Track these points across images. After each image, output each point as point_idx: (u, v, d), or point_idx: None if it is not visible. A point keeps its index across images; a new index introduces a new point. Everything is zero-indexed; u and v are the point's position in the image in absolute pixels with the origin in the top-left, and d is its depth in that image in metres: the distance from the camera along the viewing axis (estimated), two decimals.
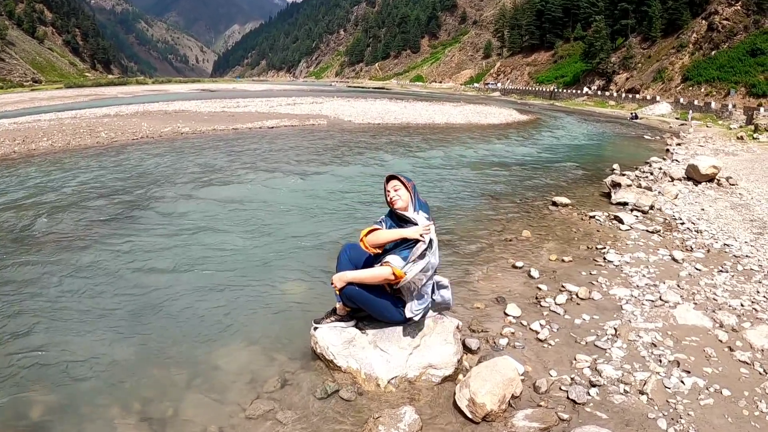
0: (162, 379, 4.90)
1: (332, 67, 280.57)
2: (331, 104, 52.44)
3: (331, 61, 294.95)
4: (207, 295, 6.72)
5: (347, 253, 5.04)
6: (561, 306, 6.37)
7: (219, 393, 4.66)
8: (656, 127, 45.48)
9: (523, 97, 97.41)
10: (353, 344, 4.86)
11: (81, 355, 5.26)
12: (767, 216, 11.50)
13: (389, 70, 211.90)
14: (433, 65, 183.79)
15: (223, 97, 63.93)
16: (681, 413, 4.31)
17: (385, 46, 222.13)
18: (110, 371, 5.00)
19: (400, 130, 31.34)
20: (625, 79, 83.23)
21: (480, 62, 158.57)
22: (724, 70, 65.01)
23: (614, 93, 78.17)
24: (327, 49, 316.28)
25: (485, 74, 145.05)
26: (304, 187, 13.78)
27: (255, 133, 26.75)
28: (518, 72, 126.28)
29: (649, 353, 5.27)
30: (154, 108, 41.55)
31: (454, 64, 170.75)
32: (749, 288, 7.17)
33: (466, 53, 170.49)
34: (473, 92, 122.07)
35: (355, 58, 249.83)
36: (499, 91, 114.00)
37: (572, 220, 10.88)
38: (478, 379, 4.21)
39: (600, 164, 20.15)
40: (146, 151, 19.77)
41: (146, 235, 9.37)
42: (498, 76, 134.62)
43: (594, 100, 79.11)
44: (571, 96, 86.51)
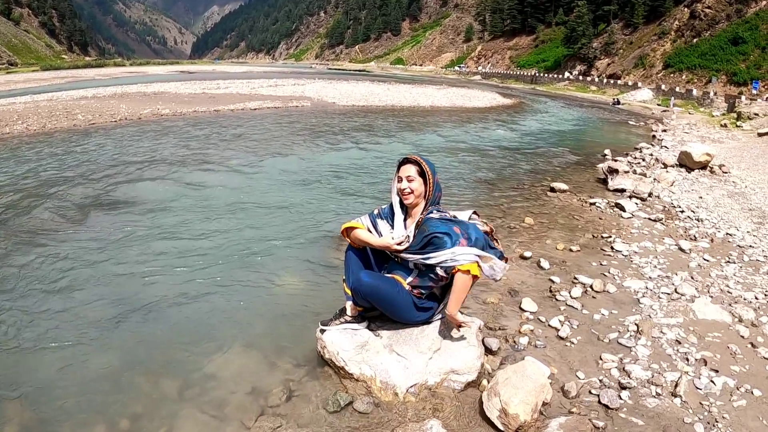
0: (152, 391, 4.33)
1: (312, 50, 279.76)
2: (314, 86, 51.94)
3: (311, 43, 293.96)
4: (196, 294, 6.10)
5: (355, 252, 4.53)
6: (577, 300, 6.03)
7: (217, 408, 4.12)
8: (639, 113, 45.51)
9: (504, 81, 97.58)
10: (366, 349, 4.37)
11: (58, 366, 4.64)
12: (765, 205, 11.35)
13: (369, 52, 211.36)
14: (413, 48, 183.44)
15: (203, 79, 63.02)
16: (716, 416, 4.04)
17: (366, 28, 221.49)
18: (93, 384, 4.42)
19: (385, 113, 30.94)
20: (607, 64, 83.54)
21: (461, 45, 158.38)
22: (705, 58, 65.48)
23: (596, 78, 78.48)
24: (307, 31, 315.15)
25: (466, 57, 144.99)
26: (294, 173, 13.20)
27: (237, 115, 26.18)
28: (499, 56, 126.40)
29: (674, 351, 4.97)
30: (133, 90, 40.67)
31: (434, 48, 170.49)
32: (759, 280, 6.96)
33: (447, 36, 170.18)
34: (454, 75, 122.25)
35: (335, 40, 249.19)
36: (479, 75, 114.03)
37: (573, 207, 10.59)
38: (509, 387, 3.82)
39: (590, 149, 19.90)
40: (125, 134, 19.08)
41: (126, 227, 8.64)
42: (479, 59, 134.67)
43: (575, 85, 79.39)
44: (552, 80, 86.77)
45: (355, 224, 4.45)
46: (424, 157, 4.26)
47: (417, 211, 4.30)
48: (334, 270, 6.74)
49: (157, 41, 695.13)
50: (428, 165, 4.21)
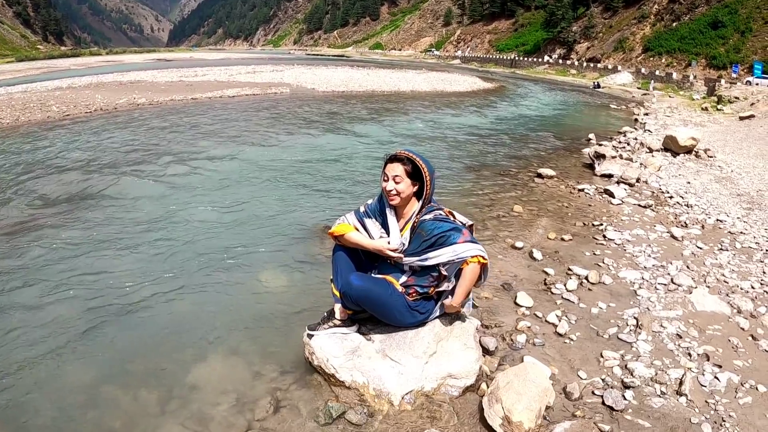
0: (131, 405, 4.03)
1: (290, 35, 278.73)
2: (292, 72, 51.59)
3: (289, 29, 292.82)
4: (174, 298, 5.74)
5: (343, 252, 4.23)
6: (573, 293, 5.84)
7: (200, 422, 3.83)
8: (619, 96, 45.69)
9: (483, 65, 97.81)
10: (358, 354, 4.10)
11: (30, 381, 4.31)
12: (753, 190, 11.29)
13: (348, 37, 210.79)
14: (392, 33, 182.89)
15: (180, 67, 62.42)
16: (723, 415, 3.89)
17: (344, 13, 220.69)
18: (69, 398, 4.11)
19: (366, 98, 30.72)
20: (586, 48, 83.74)
21: (440, 30, 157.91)
22: (685, 42, 65.91)
23: (575, 62, 78.77)
24: (285, 16, 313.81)
25: (445, 42, 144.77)
26: (274, 163, 12.84)
27: (215, 103, 25.80)
28: (478, 40, 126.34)
29: (676, 346, 4.81)
30: (109, 79, 40.10)
31: (413, 32, 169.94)
32: (754, 268, 6.86)
33: (425, 21, 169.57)
34: (433, 60, 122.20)
35: (313, 25, 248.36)
36: (459, 59, 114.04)
37: (561, 194, 10.43)
38: (511, 393, 3.60)
39: (574, 134, 19.80)
40: (101, 125, 18.58)
41: (98, 226, 8.19)
42: (458, 43, 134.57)
43: (555, 68, 79.56)
44: (532, 64, 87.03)
45: (344, 228, 4.18)
46: (418, 153, 3.98)
47: (408, 211, 4.06)
48: (320, 267, 6.46)
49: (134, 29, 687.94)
50: (423, 162, 3.93)
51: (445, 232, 3.85)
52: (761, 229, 8.60)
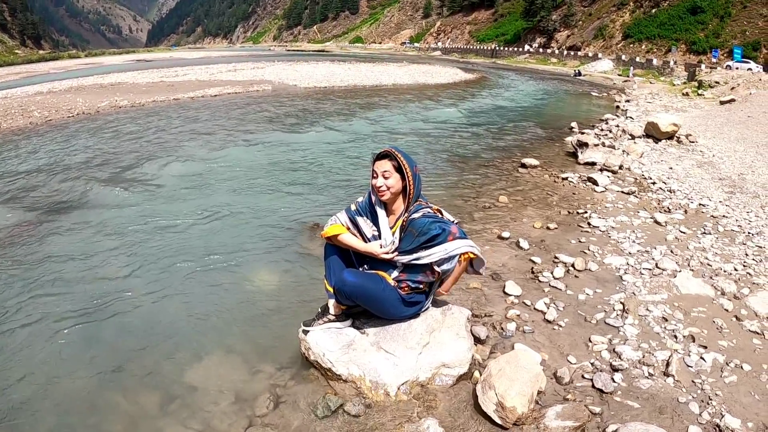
0: (131, 409, 4.07)
1: (270, 32, 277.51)
2: (274, 69, 51.40)
3: (268, 25, 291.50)
4: (168, 301, 5.76)
5: (335, 248, 4.30)
6: (560, 280, 5.95)
7: (202, 422, 3.88)
8: (601, 83, 45.94)
9: (464, 56, 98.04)
10: (353, 348, 4.18)
11: (27, 387, 4.33)
12: (735, 174, 11.42)
13: (328, 32, 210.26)
14: (372, 26, 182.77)
15: (160, 67, 61.91)
16: (710, 394, 4.00)
17: (323, 8, 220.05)
18: (66, 404, 4.13)
19: (348, 93, 30.70)
20: (567, 36, 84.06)
21: (420, 22, 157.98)
22: (664, 28, 66.33)
23: (556, 50, 79.13)
24: (264, 13, 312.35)
25: (425, 34, 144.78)
26: (260, 162, 12.85)
27: (198, 103, 25.68)
28: (458, 31, 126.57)
29: (662, 329, 4.92)
30: (89, 82, 39.69)
31: (393, 25, 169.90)
32: (737, 251, 6.98)
33: (405, 13, 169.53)
34: (414, 52, 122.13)
35: (293, 21, 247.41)
36: (440, 51, 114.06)
37: (545, 183, 10.53)
38: (504, 379, 3.70)
39: (557, 122, 19.94)
40: (83, 129, 18.44)
41: (89, 230, 8.18)
42: (438, 35, 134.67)
43: (536, 57, 79.87)
44: (512, 54, 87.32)
45: (337, 229, 4.22)
46: (401, 150, 4.03)
47: (398, 208, 4.12)
48: (311, 263, 6.52)
49: (112, 30, 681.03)
50: (405, 158, 3.98)
51: (436, 233, 3.91)
52: (743, 212, 8.73)
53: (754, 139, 16.03)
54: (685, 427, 3.67)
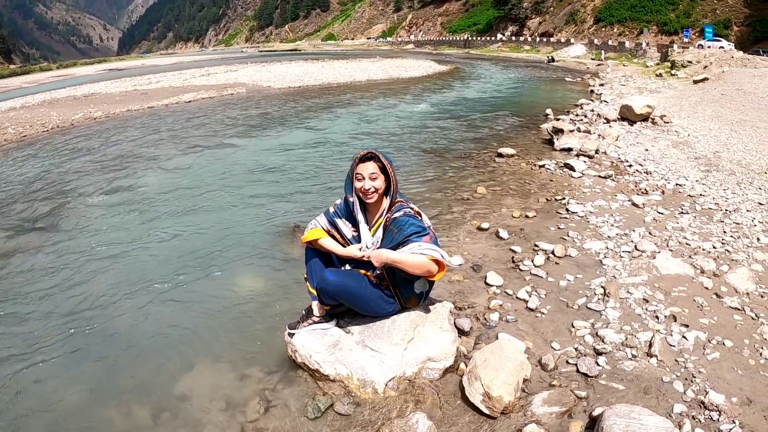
0: (125, 422, 4.08)
1: (242, 33, 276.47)
2: (247, 71, 51.07)
3: (240, 27, 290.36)
4: (153, 312, 5.75)
5: (315, 249, 4.35)
6: (541, 268, 6.00)
7: (195, 430, 3.91)
8: (574, 68, 46.18)
9: (437, 48, 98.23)
10: (339, 347, 4.22)
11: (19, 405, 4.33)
12: (710, 153, 11.55)
13: (300, 31, 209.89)
14: (344, 22, 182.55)
15: (133, 75, 61.25)
16: (693, 372, 4.07)
17: (294, 6, 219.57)
18: (60, 422, 4.12)
19: (322, 92, 30.67)
20: (538, 23, 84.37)
21: (391, 16, 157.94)
22: (635, 10, 66.73)
23: (528, 38, 79.44)
24: (235, 14, 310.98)
25: (397, 27, 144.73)
26: (236, 166, 12.78)
27: (172, 110, 25.46)
28: (430, 23, 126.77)
29: (644, 310, 4.99)
30: (62, 94, 39.14)
31: (365, 20, 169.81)
32: (714, 228, 7.10)
33: (376, 8, 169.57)
34: (387, 46, 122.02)
35: (264, 21, 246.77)
36: (412, 44, 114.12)
37: (523, 171, 10.59)
38: (489, 369, 3.74)
39: (531, 110, 20.05)
40: (59, 143, 18.18)
41: (68, 245, 8.10)
42: (410, 28, 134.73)
43: (509, 45, 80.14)
44: (485, 43, 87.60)
45: (316, 234, 4.28)
46: (381, 150, 4.08)
47: (379, 207, 4.15)
48: (293, 266, 6.52)
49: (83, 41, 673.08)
50: (386, 158, 4.04)
51: (414, 231, 3.93)
52: (720, 189, 8.85)
53: (729, 117, 16.19)
54: (670, 406, 3.72)
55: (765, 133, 13.52)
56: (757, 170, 10.06)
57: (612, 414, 3.27)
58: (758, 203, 8.10)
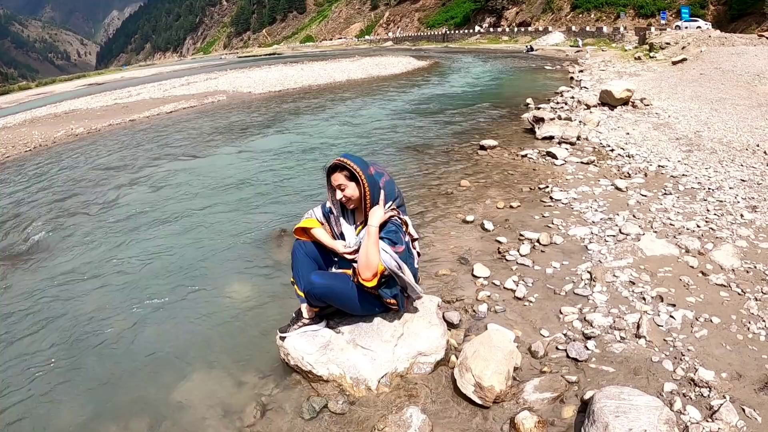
0: None
1: (219, 40, 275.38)
2: (227, 78, 50.76)
3: (217, 34, 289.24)
4: (145, 322, 5.76)
5: (303, 247, 4.33)
6: (527, 257, 6.04)
7: None
8: (553, 56, 46.33)
9: (416, 44, 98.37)
10: (330, 348, 4.25)
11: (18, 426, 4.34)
12: (691, 133, 11.66)
13: (278, 34, 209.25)
14: (321, 23, 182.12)
15: (113, 89, 60.58)
16: (682, 350, 4.13)
17: (271, 10, 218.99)
18: None
19: (302, 94, 30.56)
20: (515, 13, 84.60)
21: (368, 14, 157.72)
22: None
23: (506, 28, 79.69)
24: (211, 22, 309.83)
25: (375, 25, 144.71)
26: (221, 174, 12.72)
27: (154, 122, 25.26)
28: (408, 19, 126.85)
29: (630, 292, 5.06)
30: (43, 112, 38.70)
31: (342, 20, 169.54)
32: (698, 207, 7.18)
33: (353, 7, 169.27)
34: (366, 45, 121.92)
35: (241, 27, 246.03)
36: (391, 41, 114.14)
37: (505, 162, 10.62)
38: (479, 360, 3.79)
39: (512, 100, 20.04)
40: (42, 161, 18.02)
41: (56, 262, 8.10)
42: (388, 25, 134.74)
43: (487, 37, 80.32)
44: (463, 36, 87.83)
45: (311, 223, 4.33)
46: (351, 156, 4.05)
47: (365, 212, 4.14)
48: (281, 270, 6.51)
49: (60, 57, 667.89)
50: (357, 164, 3.99)
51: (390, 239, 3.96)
52: (702, 169, 8.94)
53: (708, 96, 16.33)
54: (661, 385, 3.78)
55: (745, 110, 13.66)
56: (738, 147, 10.16)
57: (602, 396, 3.32)
58: (740, 180, 8.19)
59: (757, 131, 11.36)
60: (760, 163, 9.05)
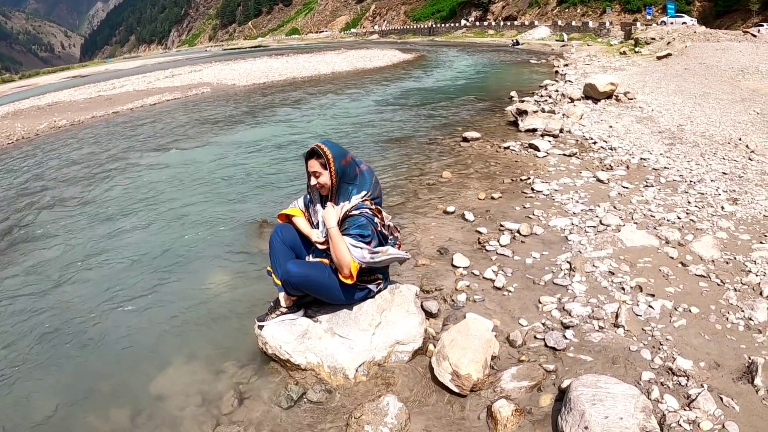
0: (103, 425, 4.06)
1: (205, 33, 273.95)
2: (211, 70, 50.46)
3: (202, 26, 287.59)
4: (125, 313, 5.73)
5: (279, 236, 4.35)
6: (507, 247, 6.05)
7: (172, 427, 3.91)
8: (539, 50, 46.50)
9: (402, 37, 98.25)
10: (308, 336, 4.23)
11: None
12: (674, 126, 11.72)
13: (264, 26, 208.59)
14: (307, 16, 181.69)
15: (96, 81, 59.97)
16: (660, 340, 4.15)
17: (257, 2, 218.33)
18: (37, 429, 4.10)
19: (287, 86, 30.50)
20: (502, 7, 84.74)
21: (354, 7, 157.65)
22: None
23: (492, 22, 79.83)
24: (197, 14, 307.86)
25: (361, 18, 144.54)
26: (201, 165, 12.68)
27: (137, 114, 25.09)
28: (394, 12, 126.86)
29: (609, 282, 5.08)
30: (26, 105, 38.21)
31: (328, 12, 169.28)
32: (679, 199, 7.23)
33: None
34: (351, 38, 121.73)
35: (227, 19, 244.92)
36: (377, 34, 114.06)
37: (488, 154, 10.64)
38: (456, 349, 3.79)
39: (497, 93, 20.12)
40: (24, 154, 17.84)
41: (37, 251, 8.04)
42: (374, 18, 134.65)
43: (473, 31, 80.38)
44: (449, 30, 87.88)
45: (294, 211, 4.42)
46: (329, 143, 4.08)
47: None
48: (260, 260, 6.47)
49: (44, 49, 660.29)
50: (332, 152, 4.02)
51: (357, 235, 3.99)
52: (684, 161, 8.99)
53: (692, 90, 16.42)
54: (639, 374, 3.79)
55: (728, 105, 13.76)
56: (720, 141, 10.21)
57: (579, 384, 3.33)
58: (722, 173, 8.24)
59: (739, 125, 11.44)
60: (741, 157, 9.11)
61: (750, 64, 20.57)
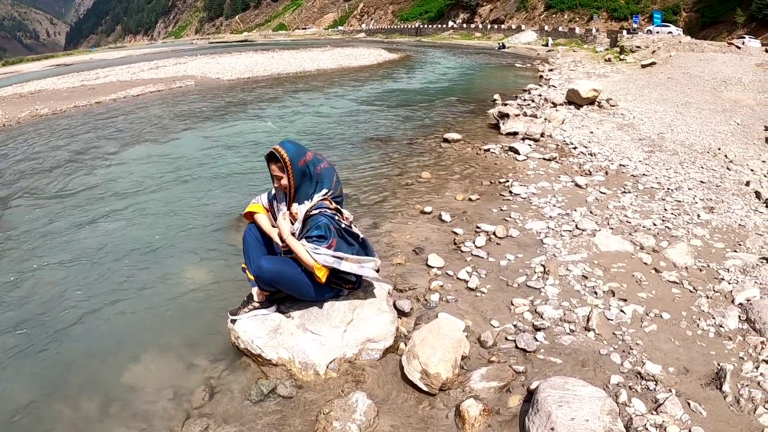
0: (74, 415, 4.06)
1: (191, 25, 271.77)
2: (196, 63, 50.14)
3: (189, 18, 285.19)
4: (98, 304, 5.67)
5: (253, 231, 4.39)
6: (482, 249, 6.09)
7: (142, 420, 3.90)
8: (525, 55, 46.69)
9: (389, 36, 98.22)
10: (280, 332, 4.24)
11: None
12: (654, 134, 11.84)
13: (251, 21, 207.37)
14: (295, 12, 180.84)
15: (80, 70, 59.35)
16: (630, 344, 4.20)
17: None
18: (10, 418, 4.06)
19: (271, 82, 30.37)
20: (489, 10, 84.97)
21: (342, 5, 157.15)
22: None
23: (479, 25, 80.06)
24: (184, 6, 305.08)
25: (349, 16, 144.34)
26: (182, 158, 12.55)
27: (120, 105, 24.86)
28: (382, 11, 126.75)
29: (582, 286, 5.13)
30: (8, 92, 37.67)
31: (316, 9, 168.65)
32: (656, 206, 7.33)
33: None
34: (338, 36, 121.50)
35: (214, 12, 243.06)
36: (364, 32, 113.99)
37: (468, 156, 10.69)
38: (426, 348, 3.81)
39: (480, 96, 20.20)
40: (3, 141, 17.60)
41: (12, 242, 7.92)
42: (362, 17, 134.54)
43: (460, 33, 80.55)
44: (436, 31, 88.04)
45: (256, 208, 4.41)
46: (288, 144, 4.09)
47: None
48: (236, 254, 6.41)
49: (29, 36, 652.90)
50: (290, 154, 4.02)
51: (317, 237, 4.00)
52: (662, 169, 9.09)
53: (674, 99, 16.57)
54: (607, 377, 3.84)
55: (709, 115, 13.91)
56: (699, 150, 10.33)
57: (547, 386, 3.36)
58: (700, 181, 8.37)
59: (719, 135, 11.59)
60: (720, 166, 9.23)
61: (733, 76, 20.78)
